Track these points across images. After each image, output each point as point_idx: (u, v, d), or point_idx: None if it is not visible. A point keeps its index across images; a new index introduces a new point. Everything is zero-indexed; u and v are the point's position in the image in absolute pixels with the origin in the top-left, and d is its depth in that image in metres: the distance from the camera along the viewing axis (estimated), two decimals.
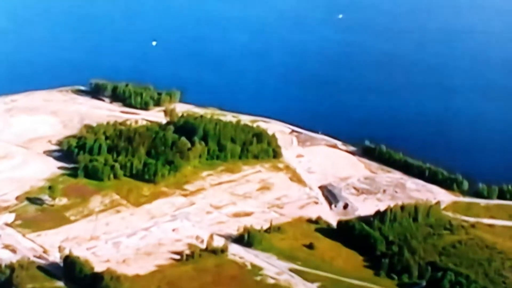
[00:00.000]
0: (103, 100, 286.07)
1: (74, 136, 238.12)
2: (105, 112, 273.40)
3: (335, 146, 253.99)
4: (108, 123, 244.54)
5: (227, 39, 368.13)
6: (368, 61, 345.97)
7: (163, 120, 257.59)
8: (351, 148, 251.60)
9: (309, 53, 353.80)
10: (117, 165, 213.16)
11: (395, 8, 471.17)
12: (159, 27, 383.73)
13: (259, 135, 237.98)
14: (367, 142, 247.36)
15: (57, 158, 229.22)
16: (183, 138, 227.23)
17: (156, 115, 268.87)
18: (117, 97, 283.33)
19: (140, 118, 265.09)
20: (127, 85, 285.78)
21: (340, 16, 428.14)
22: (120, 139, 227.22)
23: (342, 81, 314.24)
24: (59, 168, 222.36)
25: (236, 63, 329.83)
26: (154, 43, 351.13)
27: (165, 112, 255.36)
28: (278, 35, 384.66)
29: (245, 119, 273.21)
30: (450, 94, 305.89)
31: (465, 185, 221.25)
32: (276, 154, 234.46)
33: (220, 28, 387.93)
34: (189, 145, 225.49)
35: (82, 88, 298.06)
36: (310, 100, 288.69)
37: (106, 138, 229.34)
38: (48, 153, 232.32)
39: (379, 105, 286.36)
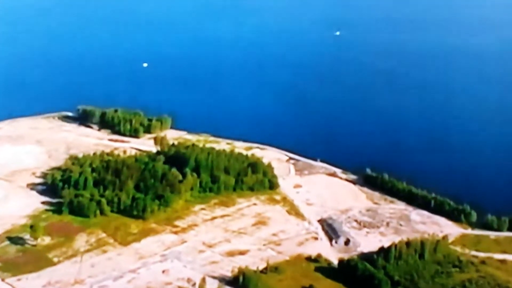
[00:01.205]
0: (91, 127, 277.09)
1: (59, 168, 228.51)
2: (93, 141, 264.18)
3: (334, 175, 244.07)
4: (95, 153, 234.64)
5: (221, 60, 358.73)
6: (367, 80, 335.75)
7: (153, 148, 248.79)
8: (352, 177, 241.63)
9: (306, 73, 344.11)
10: (103, 201, 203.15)
11: (394, 24, 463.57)
12: (150, 49, 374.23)
13: (255, 165, 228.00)
14: (368, 170, 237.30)
15: (41, 192, 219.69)
16: (174, 170, 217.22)
17: (146, 143, 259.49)
18: (105, 124, 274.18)
19: (129, 146, 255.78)
20: (116, 111, 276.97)
21: (338, 33, 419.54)
22: (107, 172, 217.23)
23: (340, 103, 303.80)
24: (43, 203, 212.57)
25: (230, 85, 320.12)
26: (145, 64, 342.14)
27: (156, 140, 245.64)
28: (274, 54, 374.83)
29: (240, 146, 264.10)
30: (456, 117, 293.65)
31: (474, 216, 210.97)
32: (272, 185, 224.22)
33: (214, 49, 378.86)
34: (180, 177, 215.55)
35: (70, 114, 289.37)
36: (308, 124, 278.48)
37: (93, 170, 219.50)
38: (32, 186, 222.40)
39: (380, 129, 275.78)
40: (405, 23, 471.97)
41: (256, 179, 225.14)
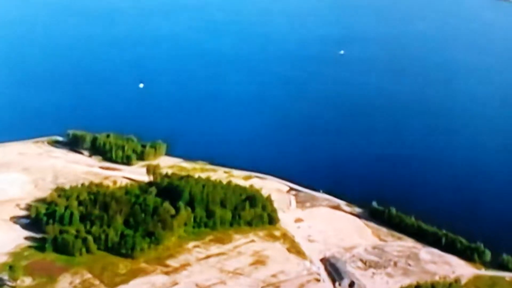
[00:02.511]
0: (82, 153, 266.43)
1: (44, 200, 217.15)
2: (83, 168, 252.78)
3: (338, 207, 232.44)
4: (83, 184, 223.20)
5: (219, 81, 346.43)
6: (373, 104, 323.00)
7: (146, 177, 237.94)
8: (357, 210, 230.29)
9: (309, 96, 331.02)
10: (90, 238, 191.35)
11: (401, 42, 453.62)
12: (146, 68, 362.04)
13: (253, 198, 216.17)
14: (374, 204, 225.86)
15: (25, 227, 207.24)
16: (167, 204, 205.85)
17: (139, 171, 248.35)
18: (96, 149, 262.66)
19: (121, 175, 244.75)
20: (108, 136, 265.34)
21: (342, 52, 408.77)
22: (95, 206, 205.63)
23: (344, 128, 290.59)
24: (26, 238, 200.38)
25: (228, 109, 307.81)
26: (141, 85, 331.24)
27: (148, 169, 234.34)
28: (275, 74, 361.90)
29: (238, 175, 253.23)
30: (468, 148, 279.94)
31: (488, 255, 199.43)
32: (272, 219, 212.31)
33: (212, 69, 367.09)
34: (173, 211, 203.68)
35: (60, 139, 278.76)
36: (310, 151, 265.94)
37: (80, 203, 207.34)
38: (15, 219, 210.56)
39: (387, 159, 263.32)
40: (413, 40, 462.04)
41: (254, 213, 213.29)
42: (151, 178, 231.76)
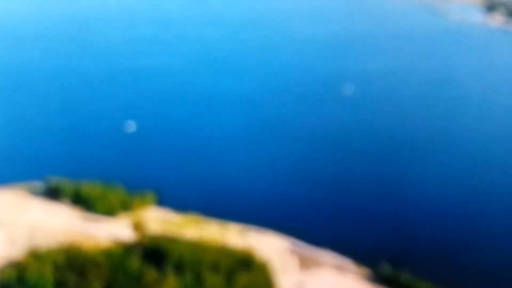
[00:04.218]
0: (62, 204, 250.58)
1: (16, 264, 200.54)
2: (62, 222, 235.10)
3: (344, 268, 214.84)
4: (60, 245, 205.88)
5: (215, 124, 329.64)
6: (385, 149, 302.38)
7: (131, 233, 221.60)
8: (365, 271, 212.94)
9: (312, 141, 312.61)
10: None
11: (411, 79, 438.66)
12: (135, 107, 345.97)
13: (249, 260, 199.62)
14: (384, 264, 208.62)
15: None
16: (152, 269, 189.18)
17: (123, 225, 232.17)
18: (79, 199, 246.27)
19: (104, 231, 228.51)
20: (91, 185, 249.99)
21: (347, 90, 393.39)
22: (71, 270, 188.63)
23: (352, 177, 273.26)
24: None
25: (225, 153, 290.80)
26: (130, 124, 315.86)
27: (133, 225, 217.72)
28: (276, 114, 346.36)
29: (234, 229, 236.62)
30: (499, 199, 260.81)
31: None
32: (269, 285, 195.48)
33: (208, 109, 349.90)
34: (158, 277, 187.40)
35: (39, 186, 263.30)
36: (313, 203, 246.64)
37: (55, 268, 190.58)
38: None
39: (399, 210, 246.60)
40: (423, 78, 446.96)
41: (250, 279, 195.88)
42: (136, 235, 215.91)
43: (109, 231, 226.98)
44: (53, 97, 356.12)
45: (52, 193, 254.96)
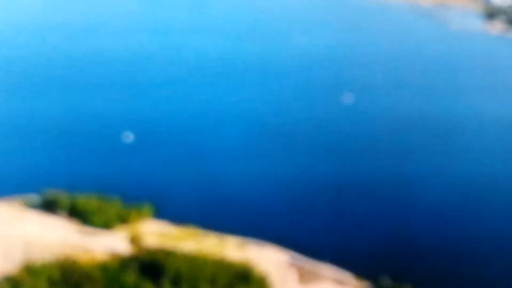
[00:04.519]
0: (59, 217, 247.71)
1: (9, 279, 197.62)
2: (58, 235, 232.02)
3: (344, 283, 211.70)
4: (55, 259, 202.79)
5: (213, 133, 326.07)
6: (386, 157, 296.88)
7: (127, 247, 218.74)
8: (365, 285, 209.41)
9: (312, 151, 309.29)
10: None
11: (413, 88, 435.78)
12: (134, 117, 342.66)
13: (247, 275, 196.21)
14: (384, 279, 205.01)
15: None
16: (148, 284, 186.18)
17: (120, 239, 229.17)
18: (75, 212, 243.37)
19: (100, 245, 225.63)
20: (88, 197, 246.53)
21: (346, 98, 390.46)
22: (67, 285, 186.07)
23: (353, 187, 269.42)
24: None
25: (223, 165, 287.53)
26: (129, 136, 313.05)
27: (130, 239, 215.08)
28: (276, 127, 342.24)
29: (233, 242, 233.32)
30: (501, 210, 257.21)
31: None
32: None
33: (206, 118, 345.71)
34: None
35: (36, 198, 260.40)
36: (314, 214, 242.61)
37: (50, 283, 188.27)
38: None
39: (400, 221, 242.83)
40: (425, 87, 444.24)
41: None
42: (133, 249, 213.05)
43: (106, 245, 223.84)
44: (49, 106, 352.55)
45: (48, 206, 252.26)
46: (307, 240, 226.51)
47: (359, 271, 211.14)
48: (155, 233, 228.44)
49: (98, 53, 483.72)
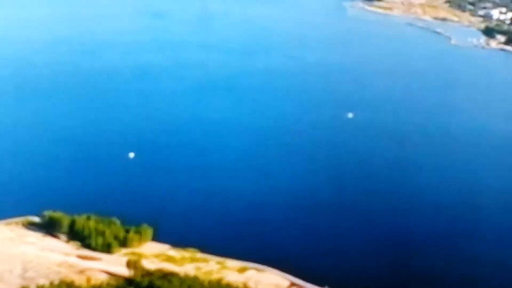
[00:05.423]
0: (58, 238, 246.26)
1: None
2: (57, 258, 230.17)
3: None
4: (51, 283, 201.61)
5: (215, 152, 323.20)
6: (393, 177, 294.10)
7: (125, 271, 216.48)
8: None
9: (315, 169, 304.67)
10: None
11: (416, 106, 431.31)
12: (133, 140, 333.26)
13: None
14: None
15: None
16: None
17: (120, 261, 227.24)
18: (75, 234, 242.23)
19: (99, 267, 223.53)
20: (88, 219, 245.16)
21: (350, 115, 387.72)
22: None
23: (354, 209, 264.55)
24: None
25: (223, 186, 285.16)
26: (131, 155, 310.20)
27: (129, 263, 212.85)
28: (278, 145, 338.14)
29: (232, 266, 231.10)
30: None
31: None
32: None
33: (207, 136, 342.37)
34: None
35: (36, 220, 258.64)
36: (316, 237, 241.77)
37: None
38: None
39: (403, 247, 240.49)
40: (428, 105, 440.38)
41: None
42: (131, 271, 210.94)
43: (104, 267, 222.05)
44: (51, 130, 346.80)
45: (49, 227, 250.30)
46: (308, 263, 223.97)
47: None
48: (154, 255, 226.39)
49: (102, 69, 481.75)
